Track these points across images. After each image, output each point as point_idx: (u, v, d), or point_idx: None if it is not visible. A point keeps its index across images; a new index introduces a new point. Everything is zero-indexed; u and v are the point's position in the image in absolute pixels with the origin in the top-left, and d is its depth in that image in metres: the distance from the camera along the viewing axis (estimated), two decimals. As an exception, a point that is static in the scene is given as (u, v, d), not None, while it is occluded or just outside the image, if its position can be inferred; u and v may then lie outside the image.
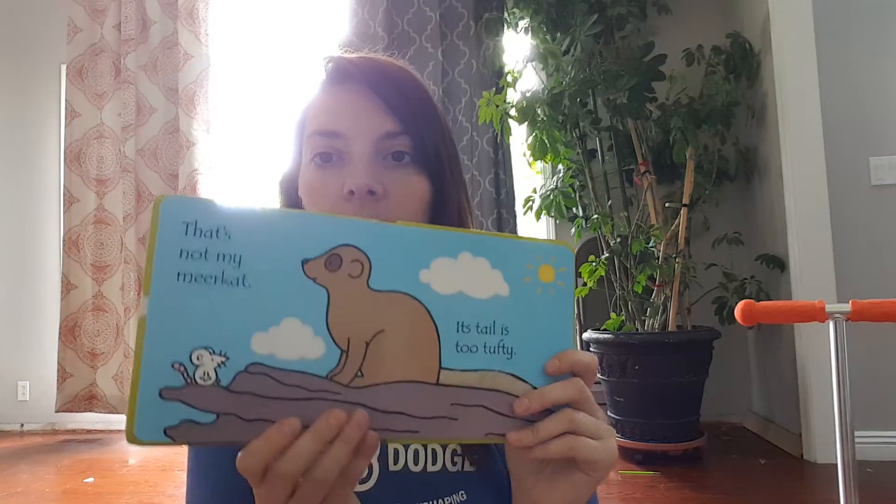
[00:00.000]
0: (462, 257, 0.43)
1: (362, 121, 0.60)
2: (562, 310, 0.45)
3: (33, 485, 2.59)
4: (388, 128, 0.60)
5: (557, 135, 2.81)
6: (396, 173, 0.59)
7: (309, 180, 0.61)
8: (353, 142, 0.59)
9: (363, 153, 0.59)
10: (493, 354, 0.43)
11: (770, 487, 2.24)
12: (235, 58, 3.66)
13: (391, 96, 0.60)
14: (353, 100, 0.61)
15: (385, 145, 0.60)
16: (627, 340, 2.54)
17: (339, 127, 0.60)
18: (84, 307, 3.54)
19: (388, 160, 0.60)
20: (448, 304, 0.42)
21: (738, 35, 2.86)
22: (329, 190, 0.59)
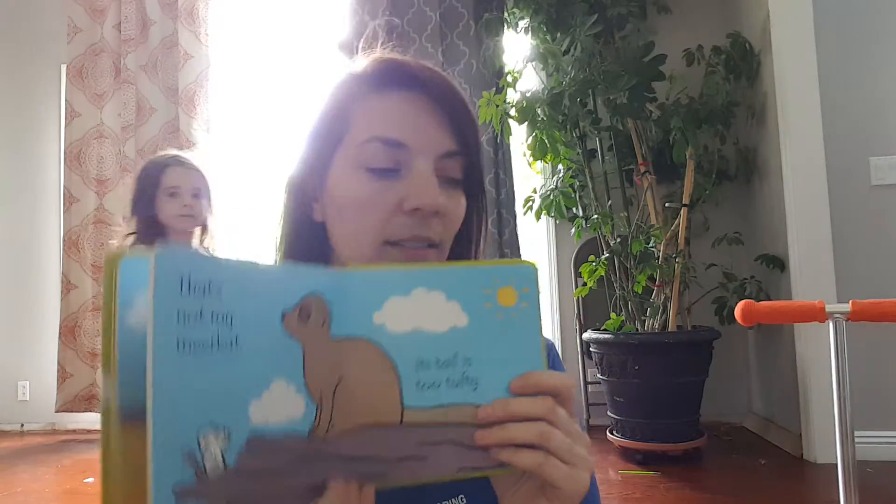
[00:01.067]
0: (415, 293, 0.42)
1: (429, 135, 0.57)
2: (527, 332, 0.44)
3: (33, 485, 2.59)
4: (449, 146, 0.58)
5: (557, 135, 2.81)
6: (449, 195, 0.58)
7: (356, 190, 0.57)
8: (417, 155, 0.56)
9: (429, 168, 0.56)
10: (457, 388, 0.42)
11: (770, 487, 2.24)
12: (235, 58, 3.66)
13: (454, 113, 0.58)
14: (420, 110, 0.57)
15: (443, 164, 0.57)
16: (627, 340, 2.54)
17: (405, 137, 0.56)
18: (84, 307, 3.54)
19: (443, 181, 0.57)
20: (404, 342, 0.42)
21: (738, 35, 2.86)
22: (385, 203, 0.55)
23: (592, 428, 3.01)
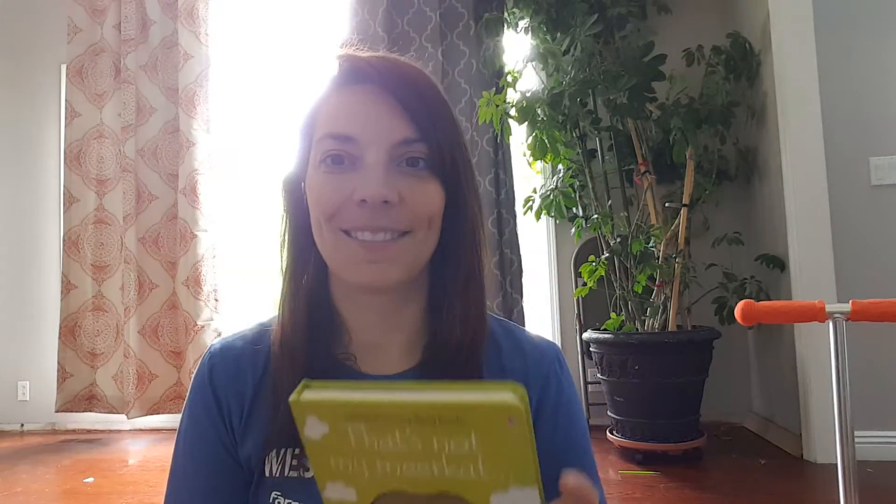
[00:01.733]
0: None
1: (378, 126, 0.57)
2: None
3: (33, 485, 2.59)
4: (404, 134, 0.58)
5: (557, 135, 2.81)
6: (411, 180, 0.58)
7: (318, 184, 0.59)
8: (367, 147, 0.57)
9: (377, 160, 0.57)
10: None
11: (770, 487, 2.24)
12: (235, 58, 3.66)
13: (409, 100, 0.58)
14: (369, 102, 0.58)
15: (400, 151, 0.58)
16: (627, 340, 2.54)
17: (353, 131, 0.57)
18: (84, 307, 3.54)
19: (403, 166, 0.58)
20: None
21: (738, 35, 2.86)
22: (339, 195, 0.57)
23: (592, 428, 3.00)
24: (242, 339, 0.68)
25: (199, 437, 0.64)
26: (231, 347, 0.67)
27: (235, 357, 0.66)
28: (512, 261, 3.16)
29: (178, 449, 0.66)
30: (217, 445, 0.64)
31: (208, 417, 0.64)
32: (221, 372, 0.65)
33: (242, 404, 0.63)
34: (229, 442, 0.64)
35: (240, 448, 0.63)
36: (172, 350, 3.44)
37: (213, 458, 0.64)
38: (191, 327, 3.39)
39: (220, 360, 0.66)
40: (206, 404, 0.64)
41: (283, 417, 0.58)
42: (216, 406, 0.64)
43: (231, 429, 0.64)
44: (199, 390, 0.65)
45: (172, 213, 3.49)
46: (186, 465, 0.65)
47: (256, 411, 0.63)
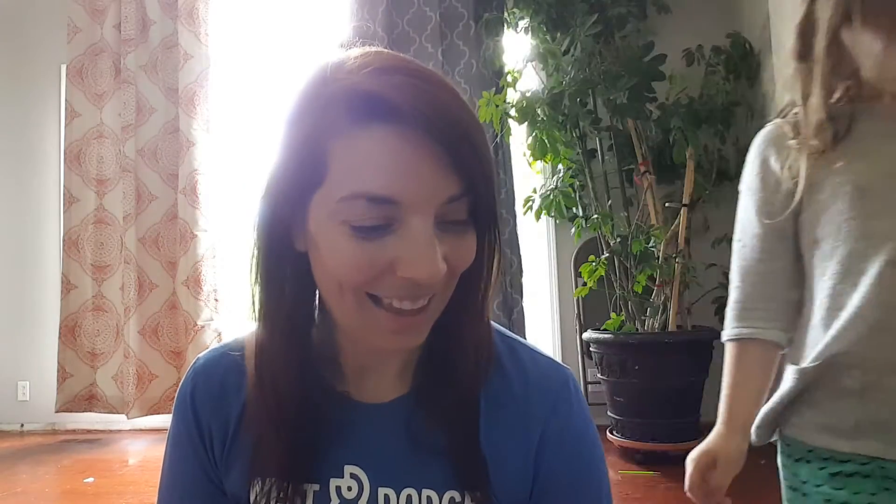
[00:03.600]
0: None
1: (427, 185, 0.47)
2: None
3: (33, 485, 2.59)
4: (452, 191, 0.48)
5: (557, 135, 2.81)
6: (454, 239, 0.50)
7: (341, 249, 0.48)
8: (411, 211, 0.47)
9: (425, 229, 0.47)
10: None
11: (770, 487, 2.23)
12: (235, 58, 3.65)
13: (456, 147, 0.48)
14: (410, 153, 0.46)
15: (445, 210, 0.49)
16: (627, 340, 2.54)
17: (396, 192, 0.46)
18: (84, 307, 3.54)
19: (445, 227, 0.49)
20: None
21: (738, 35, 2.86)
22: (374, 265, 0.48)
23: (592, 428, 3.00)
24: (229, 353, 0.63)
25: (180, 458, 0.63)
26: (216, 365, 0.62)
27: (220, 377, 0.61)
28: (512, 261, 3.16)
29: (164, 467, 0.66)
30: (196, 468, 0.62)
31: (189, 441, 0.62)
32: (204, 393, 0.61)
33: (226, 430, 0.60)
34: (209, 466, 0.62)
35: (224, 476, 0.61)
36: (172, 350, 3.44)
37: (193, 480, 0.63)
38: (191, 327, 3.39)
39: (203, 381, 0.62)
40: (188, 426, 0.62)
41: (263, 451, 0.56)
42: (196, 429, 0.61)
43: (212, 454, 0.61)
44: (181, 409, 0.62)
45: (172, 213, 3.49)
46: (170, 483, 0.65)
47: (241, 437, 0.59)
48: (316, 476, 0.57)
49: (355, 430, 0.58)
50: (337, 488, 0.57)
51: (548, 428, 0.58)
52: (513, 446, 0.58)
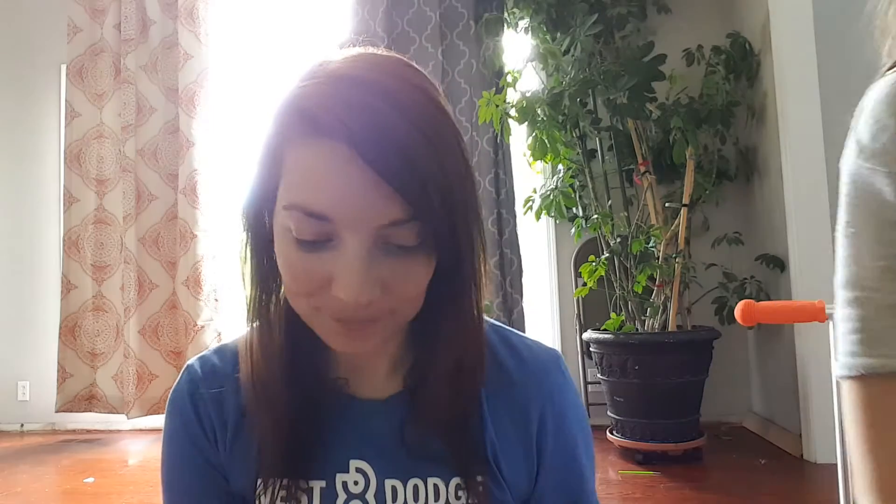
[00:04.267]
0: None
1: (364, 205, 0.45)
2: None
3: (33, 485, 2.59)
4: (394, 216, 0.46)
5: (557, 135, 2.81)
6: (398, 263, 0.48)
7: (286, 256, 0.49)
8: (345, 230, 0.46)
9: (358, 251, 0.46)
10: None
11: (770, 487, 2.24)
12: (235, 58, 3.65)
13: (401, 177, 0.45)
14: (343, 172, 0.45)
15: (387, 233, 0.47)
16: (627, 340, 2.54)
17: (328, 210, 0.46)
18: (84, 307, 3.54)
19: (390, 249, 0.48)
20: None
21: (738, 35, 2.86)
22: (313, 281, 0.49)
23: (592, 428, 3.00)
24: (221, 358, 0.64)
25: (180, 454, 0.62)
26: (211, 368, 0.63)
27: (218, 380, 0.62)
28: (512, 261, 3.16)
29: (165, 468, 0.65)
30: (199, 459, 0.61)
31: (188, 436, 0.61)
32: (204, 393, 0.61)
33: (226, 431, 0.60)
34: (214, 458, 0.61)
35: (228, 476, 0.61)
36: (172, 350, 3.44)
37: (197, 472, 0.62)
38: (191, 327, 3.39)
39: (202, 383, 0.62)
40: (186, 423, 0.61)
41: (267, 451, 0.56)
42: (199, 426, 0.60)
43: (217, 448, 0.61)
44: (178, 408, 0.62)
45: (172, 213, 3.49)
46: (173, 481, 0.64)
47: (240, 440, 0.59)
48: (321, 473, 0.57)
49: (357, 426, 0.59)
50: (343, 483, 0.57)
51: (545, 410, 0.61)
52: (515, 430, 0.60)
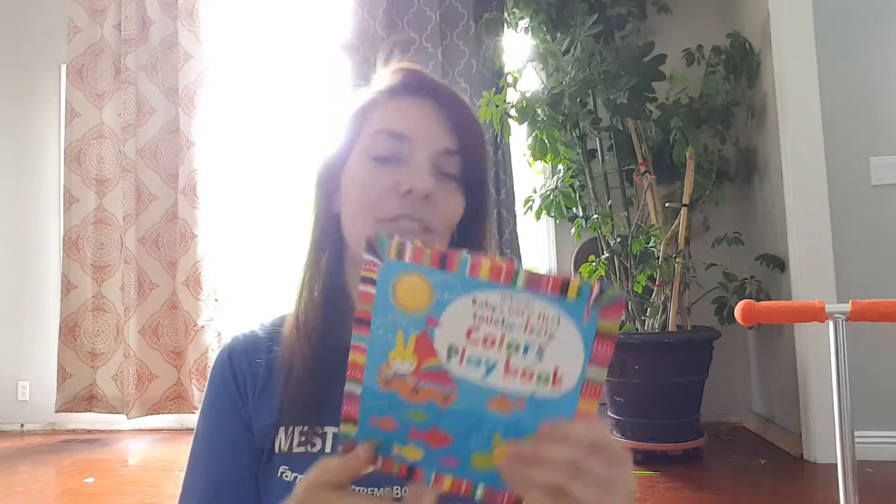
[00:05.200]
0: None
1: (430, 131, 0.64)
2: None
3: (33, 485, 2.59)
4: (448, 144, 0.65)
5: (557, 135, 2.81)
6: (445, 187, 0.64)
7: (361, 174, 0.64)
8: (417, 147, 0.63)
9: (426, 159, 0.63)
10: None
11: (770, 487, 2.24)
12: (235, 58, 3.65)
13: (457, 118, 0.66)
14: (426, 111, 0.65)
15: (441, 160, 0.64)
16: (627, 340, 2.54)
17: (409, 131, 0.64)
18: (84, 307, 3.54)
19: (439, 175, 0.64)
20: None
21: (738, 35, 2.86)
22: (383, 187, 0.62)
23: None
24: (261, 327, 0.73)
25: (216, 411, 0.69)
26: (250, 333, 0.72)
27: (253, 340, 0.71)
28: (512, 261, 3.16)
29: (199, 424, 0.70)
30: (233, 416, 0.68)
31: (226, 391, 0.68)
32: (240, 351, 0.70)
33: (255, 383, 0.68)
34: (245, 414, 0.68)
35: (252, 424, 0.67)
36: (172, 350, 3.44)
37: (229, 428, 0.68)
38: (191, 327, 3.39)
39: (240, 343, 0.71)
40: (225, 381, 0.69)
41: (292, 396, 0.63)
42: (233, 381, 0.68)
43: (246, 402, 0.68)
44: (219, 369, 0.70)
45: (172, 213, 3.49)
46: (205, 436, 0.69)
47: (268, 391, 0.67)
48: (334, 420, 0.60)
49: None
50: None
51: None
52: None
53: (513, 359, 0.45)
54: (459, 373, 0.46)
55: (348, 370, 0.48)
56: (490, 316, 0.45)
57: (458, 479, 0.48)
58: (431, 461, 0.48)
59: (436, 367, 0.46)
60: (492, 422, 0.46)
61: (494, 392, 0.46)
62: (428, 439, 0.48)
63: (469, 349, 0.46)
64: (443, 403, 0.47)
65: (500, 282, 0.45)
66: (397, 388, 0.47)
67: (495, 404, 0.46)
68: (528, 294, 0.45)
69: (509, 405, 0.46)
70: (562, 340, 0.45)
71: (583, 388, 0.45)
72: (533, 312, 0.45)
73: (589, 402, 0.46)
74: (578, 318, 0.44)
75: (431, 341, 0.46)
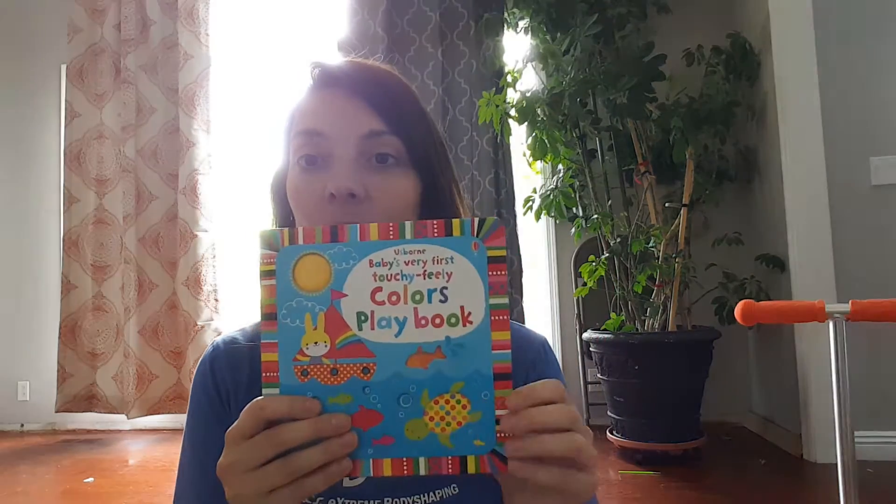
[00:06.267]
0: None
1: (345, 121, 0.60)
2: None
3: (33, 485, 2.59)
4: (371, 126, 0.60)
5: (557, 135, 2.81)
6: (380, 176, 0.60)
7: (294, 182, 0.62)
8: (336, 143, 0.60)
9: (345, 155, 0.59)
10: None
11: (770, 487, 2.24)
12: (235, 58, 3.65)
13: (375, 96, 0.61)
14: (337, 100, 0.61)
15: (369, 145, 0.60)
16: (627, 340, 2.54)
17: (322, 127, 0.60)
18: (84, 307, 3.54)
19: (373, 162, 0.60)
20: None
21: (738, 35, 2.86)
22: (312, 192, 0.59)
23: (592, 428, 3.00)
24: (242, 333, 0.71)
25: (203, 423, 0.67)
26: (230, 340, 0.70)
27: (234, 349, 0.69)
28: (512, 261, 3.16)
29: (186, 438, 0.68)
30: (219, 429, 0.64)
31: (209, 403, 0.66)
32: (222, 360, 0.68)
33: (238, 392, 0.66)
34: (228, 423, 0.64)
35: None
36: (172, 350, 3.44)
37: (217, 443, 0.65)
38: (191, 327, 3.39)
39: (221, 352, 0.69)
40: (207, 392, 0.67)
41: None
42: (216, 390, 0.66)
43: (230, 412, 0.66)
44: (201, 379, 0.68)
45: (172, 213, 3.49)
46: (193, 450, 0.67)
47: (250, 399, 0.64)
48: None
49: None
50: None
51: (528, 376, 0.65)
52: None
53: (420, 308, 0.46)
54: (373, 338, 0.47)
55: (262, 373, 0.47)
56: (388, 273, 0.47)
57: (397, 460, 0.46)
58: (366, 447, 0.46)
59: (349, 339, 0.47)
60: (416, 382, 0.46)
61: (411, 349, 0.46)
62: (358, 423, 0.46)
63: (377, 311, 0.47)
64: (364, 376, 0.46)
65: (389, 238, 0.47)
66: (315, 375, 0.46)
67: (415, 361, 0.46)
68: (418, 243, 0.46)
69: (428, 358, 0.46)
70: (460, 277, 0.46)
71: (491, 319, 0.46)
72: (427, 258, 0.46)
73: (500, 333, 0.46)
74: (468, 251, 0.46)
75: (340, 313, 0.47)
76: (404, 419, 0.46)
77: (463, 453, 0.46)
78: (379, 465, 0.46)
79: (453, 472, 0.46)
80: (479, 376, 0.46)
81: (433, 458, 0.46)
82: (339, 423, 0.45)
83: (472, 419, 0.46)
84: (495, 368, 0.46)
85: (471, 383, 0.46)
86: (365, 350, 0.46)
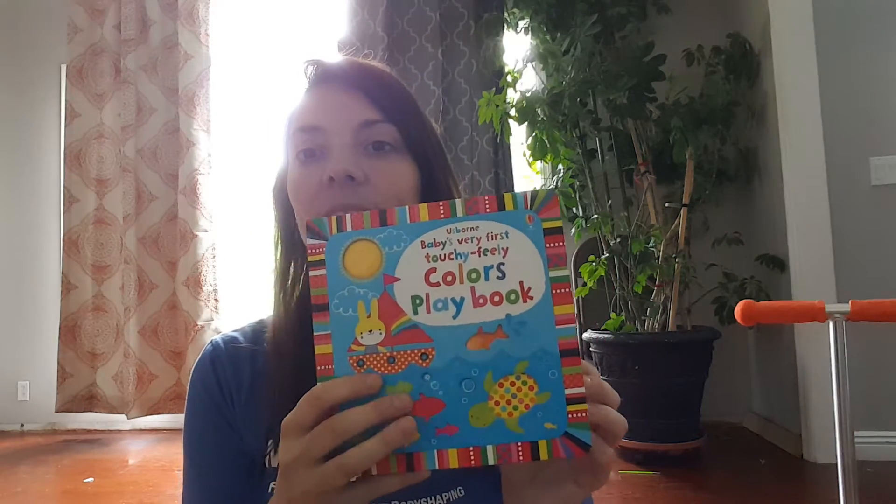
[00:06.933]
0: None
1: (341, 112, 0.61)
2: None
3: (33, 485, 2.59)
4: (366, 116, 0.61)
5: (557, 135, 2.81)
6: (377, 161, 0.61)
7: (293, 177, 0.63)
8: (332, 135, 0.60)
9: (342, 143, 0.60)
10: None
11: (770, 487, 2.24)
12: (235, 58, 3.66)
13: (369, 88, 0.62)
14: (333, 94, 0.62)
15: (365, 134, 0.61)
16: (627, 340, 2.54)
17: (319, 121, 0.61)
18: (84, 307, 3.54)
19: (370, 150, 0.61)
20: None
21: (738, 35, 2.86)
22: (311, 181, 0.60)
23: (592, 428, 3.00)
24: (242, 333, 0.70)
25: (205, 423, 0.66)
26: (232, 340, 0.69)
27: (235, 348, 0.68)
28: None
29: (187, 439, 0.67)
30: (222, 429, 0.65)
31: (212, 401, 0.65)
32: (223, 358, 0.67)
33: (241, 391, 0.65)
34: (234, 422, 0.65)
35: (241, 433, 0.65)
36: (172, 350, 3.44)
37: (220, 444, 0.65)
38: (191, 327, 3.39)
39: (222, 350, 0.68)
40: (209, 388, 0.65)
41: (279, 413, 0.59)
42: (218, 388, 0.65)
43: (233, 411, 0.65)
44: (201, 375, 0.67)
45: (172, 213, 3.49)
46: (197, 452, 0.66)
47: (254, 402, 0.64)
48: None
49: None
50: None
51: None
52: None
53: (477, 287, 0.44)
54: (430, 321, 0.44)
55: (317, 365, 0.44)
56: (442, 254, 0.45)
57: (463, 450, 0.43)
58: (429, 438, 0.43)
59: (405, 324, 0.44)
60: (478, 365, 0.44)
61: (471, 330, 0.44)
62: (419, 412, 0.43)
63: (432, 293, 0.45)
64: (423, 363, 0.44)
65: (440, 217, 0.45)
66: (372, 365, 0.44)
67: (476, 343, 0.44)
68: (470, 220, 0.45)
69: (489, 338, 0.44)
70: (516, 252, 0.45)
71: (553, 292, 0.45)
72: (481, 235, 0.45)
73: (563, 307, 0.45)
74: (522, 225, 0.45)
75: (394, 299, 0.45)
76: (468, 405, 0.43)
77: (534, 438, 0.43)
78: (444, 456, 0.43)
79: (524, 459, 0.43)
80: (544, 354, 0.44)
81: (502, 445, 0.43)
82: (401, 405, 0.43)
83: (541, 400, 0.43)
84: (561, 345, 0.44)
85: (536, 362, 0.44)
86: (422, 335, 0.44)
